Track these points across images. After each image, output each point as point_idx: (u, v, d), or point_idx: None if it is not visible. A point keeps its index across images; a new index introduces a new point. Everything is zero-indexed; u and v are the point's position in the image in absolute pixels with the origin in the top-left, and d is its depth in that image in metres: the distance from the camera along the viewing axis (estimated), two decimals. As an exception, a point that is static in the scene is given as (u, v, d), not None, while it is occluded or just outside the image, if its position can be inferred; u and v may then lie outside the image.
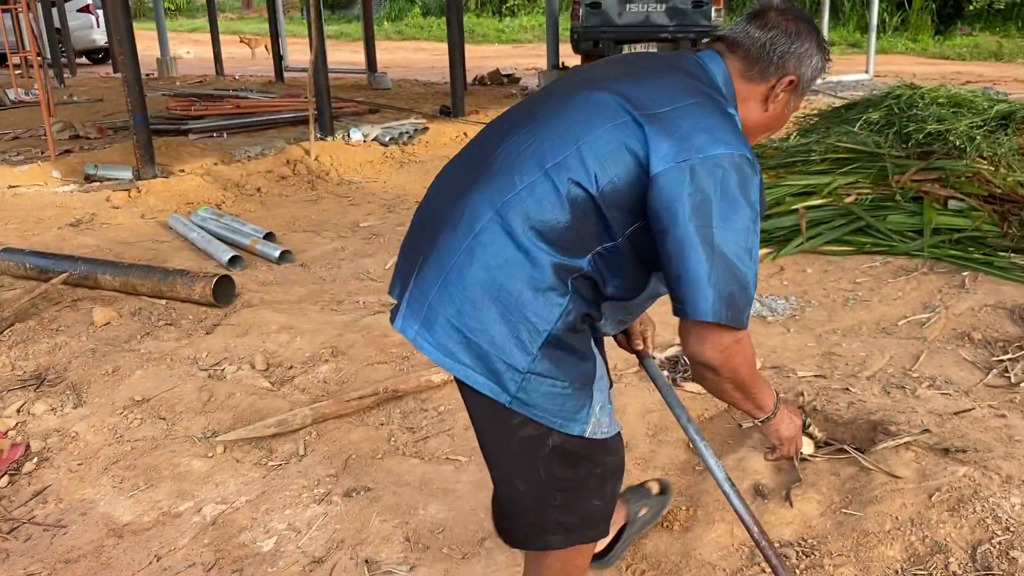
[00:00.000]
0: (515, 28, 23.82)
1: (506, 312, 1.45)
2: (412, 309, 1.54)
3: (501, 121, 1.65)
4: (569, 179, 1.45)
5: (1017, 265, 4.14)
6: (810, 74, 1.60)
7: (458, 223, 1.50)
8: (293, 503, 2.57)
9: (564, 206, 1.45)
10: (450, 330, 1.48)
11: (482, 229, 1.47)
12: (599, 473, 1.61)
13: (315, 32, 7.71)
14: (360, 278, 4.57)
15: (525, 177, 1.47)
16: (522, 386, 1.46)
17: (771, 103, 1.61)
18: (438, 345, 1.49)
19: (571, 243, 1.45)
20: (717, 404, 2.98)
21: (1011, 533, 2.17)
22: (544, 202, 1.45)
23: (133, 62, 6.27)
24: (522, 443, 1.53)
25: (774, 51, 1.57)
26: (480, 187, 1.52)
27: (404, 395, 3.13)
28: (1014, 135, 5.06)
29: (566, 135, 1.49)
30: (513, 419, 1.51)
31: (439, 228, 1.54)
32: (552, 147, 1.49)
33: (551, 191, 1.45)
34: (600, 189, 1.44)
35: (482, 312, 1.45)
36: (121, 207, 5.86)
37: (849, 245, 4.59)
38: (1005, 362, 3.28)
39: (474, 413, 1.59)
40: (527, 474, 1.57)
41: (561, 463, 1.56)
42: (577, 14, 11.30)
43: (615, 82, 1.54)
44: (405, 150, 7.85)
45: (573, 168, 1.45)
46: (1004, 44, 16.59)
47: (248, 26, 26.63)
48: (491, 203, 1.48)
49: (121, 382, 3.32)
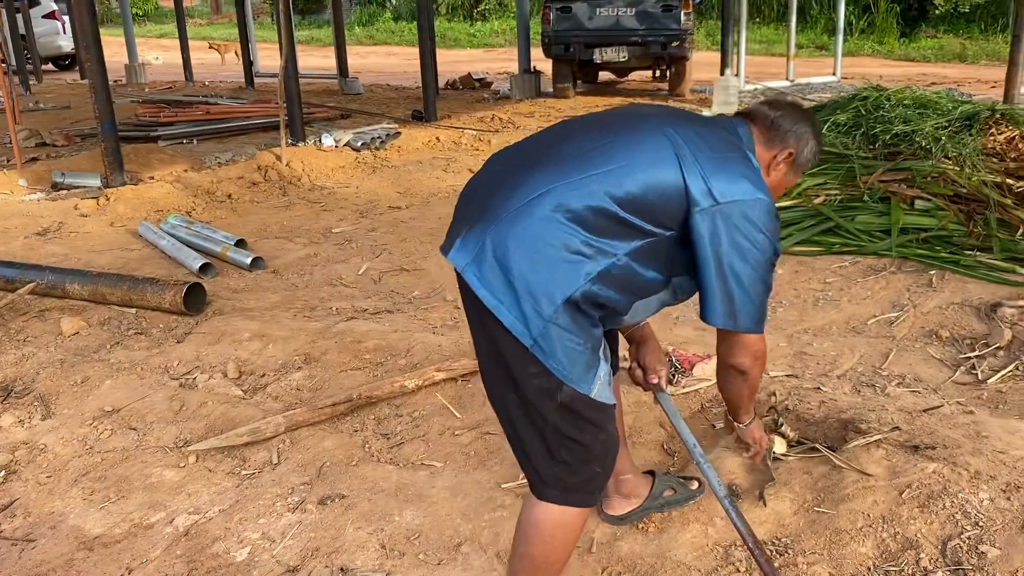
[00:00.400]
0: (486, 32, 23.84)
1: (542, 265, 1.67)
2: (467, 246, 1.75)
3: (573, 123, 1.93)
4: (621, 185, 1.70)
5: (983, 263, 4.20)
6: (806, 154, 1.93)
7: (520, 187, 1.74)
8: (267, 512, 2.55)
9: (610, 206, 1.69)
10: (496, 269, 1.69)
11: (539, 197, 1.71)
12: (603, 440, 1.81)
13: (285, 37, 7.67)
14: (333, 284, 4.55)
15: (587, 171, 1.72)
16: (544, 332, 1.67)
17: (773, 170, 1.91)
18: (482, 279, 1.70)
19: (604, 234, 1.70)
20: (691, 406, 3.00)
21: (980, 528, 2.20)
22: (596, 195, 1.69)
23: (100, 68, 6.20)
24: (536, 392, 1.73)
25: (781, 126, 1.90)
26: (546, 166, 1.76)
27: (378, 401, 3.11)
28: (978, 136, 5.14)
29: (631, 150, 1.75)
30: (531, 367, 1.70)
31: (502, 187, 1.77)
32: (617, 156, 1.74)
33: (604, 190, 1.70)
34: (639, 201, 1.70)
35: (524, 260, 1.67)
36: (89, 215, 5.79)
37: (819, 246, 4.64)
38: (972, 359, 3.33)
39: (492, 356, 1.77)
40: (537, 423, 1.76)
41: (567, 421, 1.75)
42: (548, 18, 11.34)
43: (677, 124, 1.82)
44: (377, 155, 7.83)
45: (627, 179, 1.71)
46: (968, 46, 16.87)
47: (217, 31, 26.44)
48: (552, 181, 1.72)
49: (90, 392, 3.28)
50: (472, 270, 1.72)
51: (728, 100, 10.03)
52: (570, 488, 1.80)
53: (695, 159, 1.73)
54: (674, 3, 11.03)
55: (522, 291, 1.67)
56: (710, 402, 3.02)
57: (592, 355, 1.75)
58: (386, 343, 3.57)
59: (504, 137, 8.69)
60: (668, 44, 10.98)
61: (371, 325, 3.82)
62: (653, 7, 11.07)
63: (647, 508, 2.40)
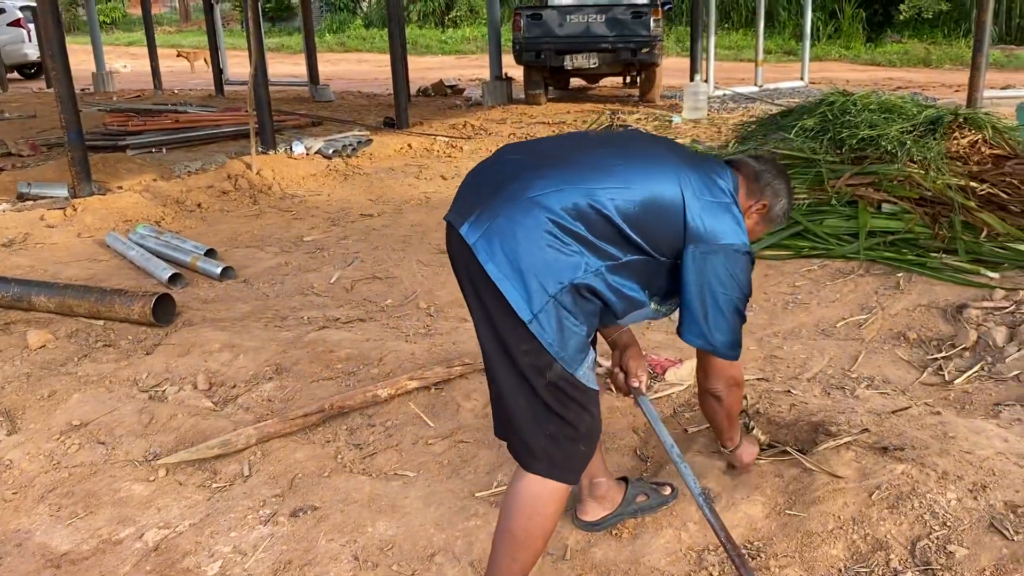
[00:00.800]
0: (458, 39, 23.87)
1: (549, 251, 1.78)
2: (480, 221, 1.83)
3: (589, 136, 2.11)
4: (630, 205, 1.84)
5: (948, 265, 4.26)
6: (777, 210, 2.12)
7: (537, 179, 1.84)
8: (238, 525, 2.52)
9: (616, 218, 1.83)
10: (506, 246, 1.78)
11: (554, 192, 1.81)
12: (588, 421, 1.91)
13: (254, 44, 7.63)
14: (304, 293, 4.52)
15: (601, 182, 1.84)
16: (545, 308, 1.77)
17: (747, 217, 2.06)
18: (492, 254, 1.78)
19: (607, 240, 1.83)
20: (663, 411, 3.02)
21: (948, 528, 2.23)
22: (606, 206, 1.82)
23: (66, 77, 6.12)
24: (527, 368, 1.82)
25: (763, 178, 2.09)
26: (563, 167, 1.88)
27: (350, 411, 3.09)
28: (942, 139, 5.22)
29: (645, 178, 1.89)
30: (524, 344, 1.80)
31: (519, 177, 1.86)
32: (632, 179, 1.87)
33: (614, 204, 1.82)
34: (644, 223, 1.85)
35: (532, 244, 1.77)
36: (56, 226, 5.71)
37: (788, 249, 4.69)
38: (939, 360, 3.38)
39: (491, 328, 1.85)
40: (528, 395, 1.85)
41: (555, 398, 1.85)
42: (519, 25, 11.37)
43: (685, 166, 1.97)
44: (349, 162, 7.80)
45: (636, 201, 1.85)
46: (932, 51, 17.15)
47: (187, 39, 26.24)
48: (568, 182, 1.83)
49: (57, 407, 3.23)
50: (483, 245, 1.80)
51: (697, 105, 10.12)
52: (556, 463, 1.90)
53: (697, 200, 1.91)
54: (643, 10, 11.11)
55: (528, 270, 1.77)
56: (682, 406, 3.04)
57: (586, 339, 1.86)
58: (358, 352, 3.56)
59: (476, 144, 8.70)
60: (638, 50, 11.05)
61: (343, 334, 3.80)
62: (623, 14, 11.14)
63: (620, 514, 2.41)
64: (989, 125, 5.40)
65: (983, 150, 5.24)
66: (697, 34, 12.70)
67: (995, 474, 2.40)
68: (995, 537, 2.18)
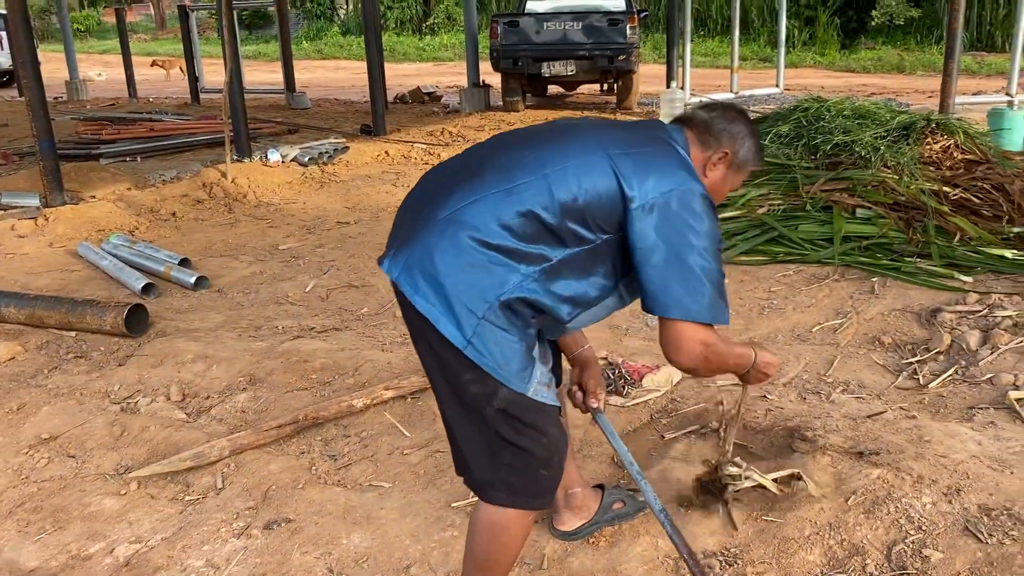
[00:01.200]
0: (435, 46, 23.86)
1: (473, 269, 1.68)
2: (399, 255, 1.77)
3: (504, 136, 1.95)
4: (552, 193, 1.70)
5: (922, 270, 4.30)
6: (743, 153, 1.92)
7: (449, 198, 1.76)
8: (211, 538, 2.49)
9: (541, 212, 1.70)
10: (428, 276, 1.70)
11: (468, 206, 1.72)
12: (545, 444, 1.81)
13: (229, 52, 7.58)
14: (279, 302, 4.48)
15: (516, 180, 1.73)
16: (477, 331, 1.67)
17: (710, 171, 1.90)
18: (415, 287, 1.71)
19: (536, 241, 1.70)
20: (640, 417, 3.01)
21: (923, 532, 2.24)
22: (526, 203, 1.70)
23: (37, 85, 6.05)
24: (474, 398, 1.74)
25: (714, 126, 1.91)
26: (475, 177, 1.78)
27: (325, 422, 3.06)
28: (915, 145, 5.27)
29: (562, 157, 1.76)
30: (466, 373, 1.71)
31: (433, 200, 1.79)
32: (548, 163, 1.75)
33: (535, 198, 1.70)
34: (573, 206, 1.71)
35: (454, 266, 1.68)
36: (27, 236, 5.64)
37: (763, 255, 4.71)
38: (914, 364, 3.39)
39: (431, 360, 1.78)
40: (479, 427, 1.77)
41: (507, 425, 1.75)
42: (496, 32, 11.37)
43: (605, 129, 1.85)
44: (325, 170, 7.75)
45: (558, 186, 1.71)
46: (905, 57, 17.35)
47: (163, 47, 26.06)
48: (481, 190, 1.74)
49: (27, 420, 3.17)
50: (405, 279, 1.73)
51: (674, 112, 10.15)
52: (517, 491, 1.82)
53: (626, 157, 1.75)
54: (620, 17, 11.15)
55: (453, 294, 1.67)
56: (659, 413, 3.03)
57: (527, 354, 1.74)
58: (333, 362, 3.53)
59: (454, 150, 8.68)
60: (615, 58, 11.09)
61: (318, 344, 3.77)
62: (599, 21, 11.18)
63: (597, 522, 2.39)
64: (961, 131, 5.47)
65: (955, 155, 5.30)
66: (673, 41, 12.77)
67: (969, 477, 2.41)
68: (969, 540, 2.19)
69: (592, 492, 2.43)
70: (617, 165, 1.73)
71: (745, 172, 1.96)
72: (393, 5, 25.74)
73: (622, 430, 2.92)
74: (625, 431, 2.93)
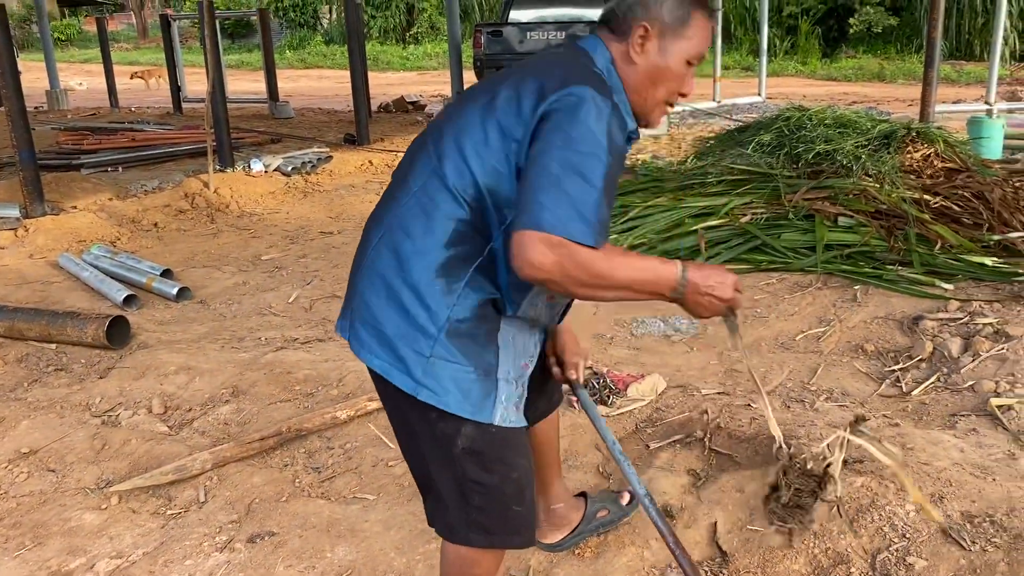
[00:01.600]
0: (419, 55, 23.88)
1: (407, 302, 1.58)
2: (345, 313, 1.72)
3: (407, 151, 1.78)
4: (452, 174, 1.58)
5: (904, 278, 4.33)
6: (667, 16, 1.63)
7: (367, 243, 1.69)
8: (194, 553, 2.46)
9: (451, 201, 1.57)
10: (368, 328, 1.63)
11: (379, 242, 1.64)
12: (515, 479, 1.70)
13: (211, 61, 7.55)
14: (262, 313, 4.45)
15: (414, 184, 1.63)
16: (427, 370, 1.57)
17: (637, 56, 1.65)
18: (361, 341, 1.64)
19: (461, 235, 1.57)
20: (625, 427, 3.01)
21: (907, 540, 2.24)
22: (432, 201, 1.58)
23: (17, 94, 6.01)
24: (437, 441, 1.64)
25: (619, 8, 1.67)
26: (383, 207, 1.70)
27: (308, 434, 3.05)
28: (896, 153, 5.32)
29: (447, 135, 1.62)
30: (428, 414, 1.61)
31: (367, 239, 1.71)
32: (436, 150, 1.62)
33: (437, 190, 1.59)
34: (482, 176, 1.56)
35: (386, 308, 1.60)
36: (7, 247, 5.59)
37: (747, 263, 4.72)
38: (896, 372, 3.41)
39: (394, 412, 1.72)
40: (446, 471, 1.68)
41: (475, 465, 1.65)
42: (479, 42, 11.39)
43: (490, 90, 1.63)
44: (308, 180, 7.73)
45: (453, 163, 1.58)
46: (885, 66, 17.50)
47: (145, 56, 25.94)
48: (387, 219, 1.65)
49: (5, 434, 3.14)
50: (353, 338, 1.67)
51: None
52: (491, 531, 1.72)
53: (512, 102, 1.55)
54: (603, 26, 11.20)
55: (396, 339, 1.59)
56: (644, 422, 3.03)
57: (486, 380, 1.62)
58: (317, 373, 3.51)
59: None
60: (598, 66, 11.12)
61: (301, 355, 3.74)
62: (582, 31, 11.22)
63: (582, 532, 2.38)
64: (941, 139, 5.52)
65: (936, 164, 5.34)
66: (656, 50, 12.82)
67: (952, 485, 2.42)
68: (952, 548, 2.19)
69: (576, 502, 2.42)
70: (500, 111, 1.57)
71: (688, 30, 1.64)
72: (376, 14, 25.77)
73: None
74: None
